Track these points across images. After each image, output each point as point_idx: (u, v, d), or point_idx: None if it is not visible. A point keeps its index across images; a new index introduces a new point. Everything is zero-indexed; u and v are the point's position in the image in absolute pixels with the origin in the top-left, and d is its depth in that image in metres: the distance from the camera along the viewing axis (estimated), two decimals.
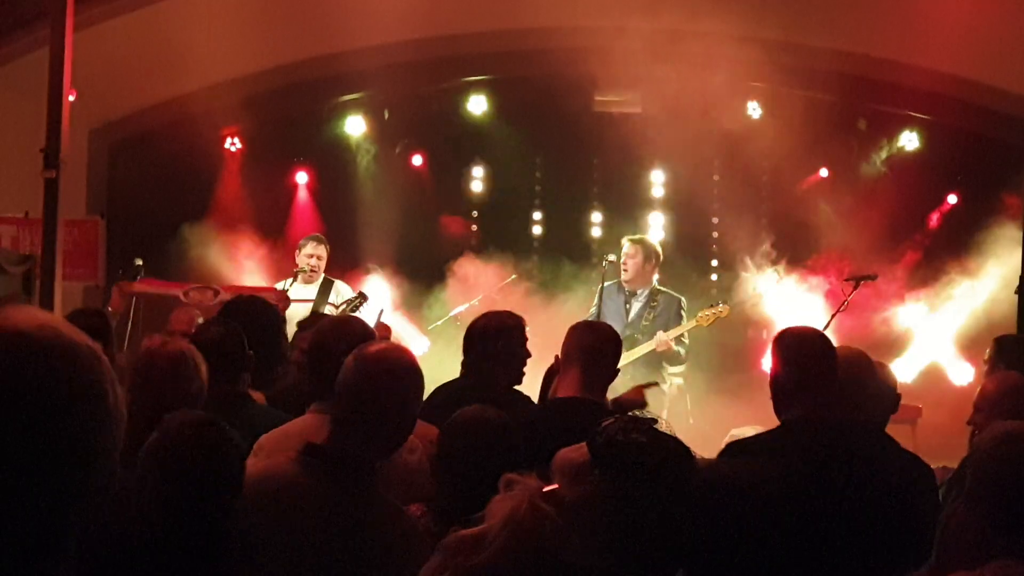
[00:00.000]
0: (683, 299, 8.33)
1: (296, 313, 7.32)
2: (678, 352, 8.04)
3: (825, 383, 3.76)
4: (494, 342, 4.82)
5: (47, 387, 1.30)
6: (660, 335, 7.93)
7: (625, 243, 8.39)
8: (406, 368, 3.14)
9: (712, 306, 8.49)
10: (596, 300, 8.32)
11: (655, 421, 2.17)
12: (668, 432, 2.19)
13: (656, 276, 8.54)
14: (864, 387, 3.99)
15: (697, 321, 8.25)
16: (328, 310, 8.35)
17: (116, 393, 1.37)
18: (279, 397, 4.59)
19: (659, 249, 8.65)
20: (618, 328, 7.45)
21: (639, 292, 8.18)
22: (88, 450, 1.33)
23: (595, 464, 2.05)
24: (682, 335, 8.11)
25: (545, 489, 1.99)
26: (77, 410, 1.31)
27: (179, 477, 2.74)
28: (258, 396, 4.43)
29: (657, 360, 8.01)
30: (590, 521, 1.96)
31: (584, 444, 2.10)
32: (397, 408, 3.08)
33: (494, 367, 4.80)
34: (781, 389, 3.81)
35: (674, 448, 2.16)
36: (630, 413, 2.25)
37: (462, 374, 4.91)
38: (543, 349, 4.98)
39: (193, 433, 2.80)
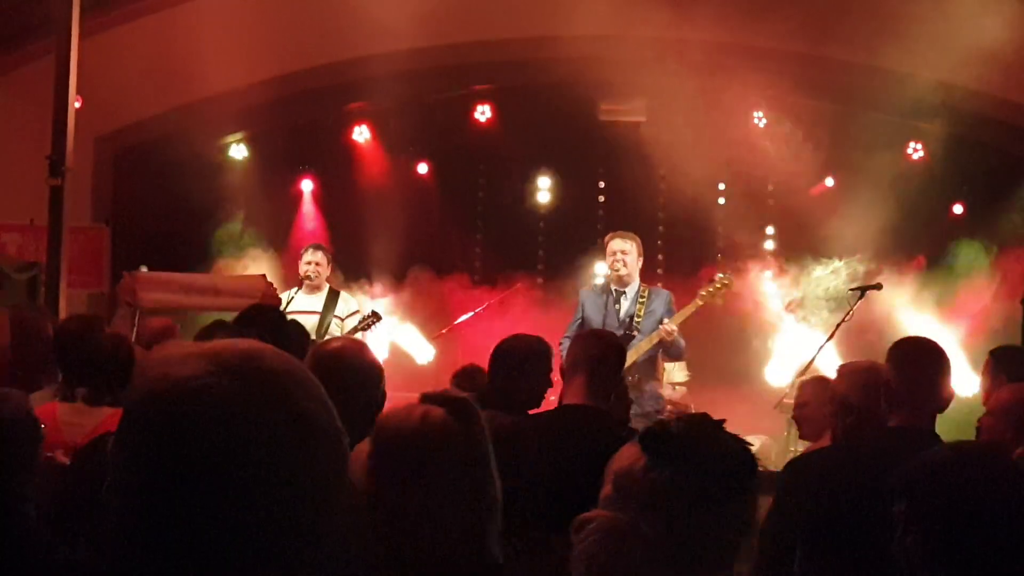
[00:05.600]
0: (671, 294, 8.12)
1: (302, 323, 7.30)
2: (679, 343, 7.80)
3: (931, 391, 4.01)
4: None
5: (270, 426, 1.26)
6: (667, 323, 7.69)
7: (617, 240, 7.98)
8: (362, 365, 3.21)
9: (711, 282, 8.28)
10: (578, 309, 8.07)
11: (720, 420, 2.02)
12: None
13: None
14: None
15: (700, 300, 8.05)
16: (334, 323, 8.33)
17: (331, 412, 1.32)
18: None
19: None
20: (607, 327, 7.41)
21: (627, 290, 7.96)
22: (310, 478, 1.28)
23: (654, 464, 1.86)
24: (677, 331, 7.79)
25: (615, 520, 1.85)
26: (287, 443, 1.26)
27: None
28: None
29: (653, 364, 7.81)
30: (654, 530, 1.82)
31: (635, 448, 1.92)
32: (355, 407, 3.09)
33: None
34: (892, 396, 3.99)
35: (735, 444, 1.96)
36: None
37: None
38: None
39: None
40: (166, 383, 1.26)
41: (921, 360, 4.07)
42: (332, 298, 8.54)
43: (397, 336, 10.90)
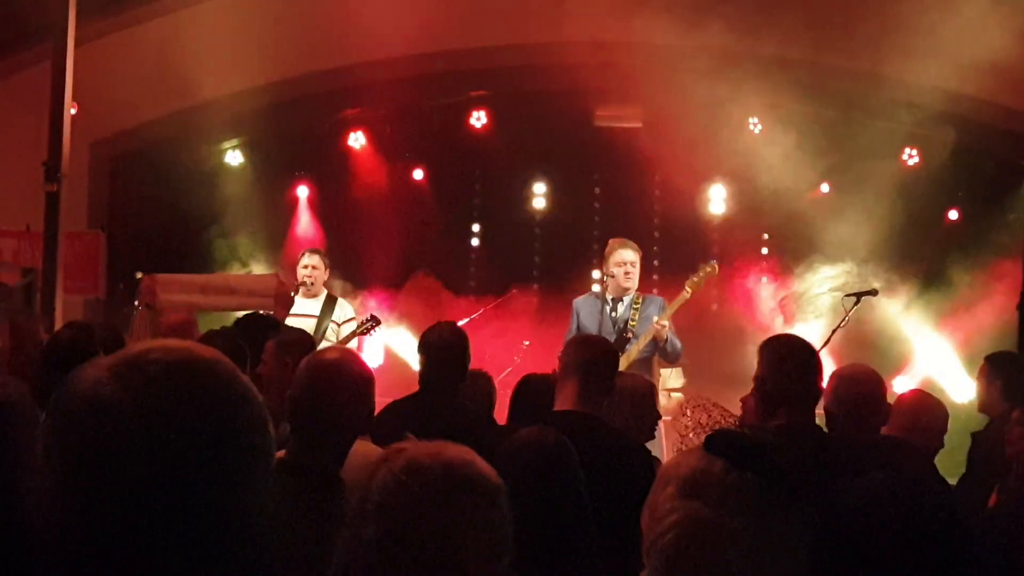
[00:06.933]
0: (664, 300, 8.07)
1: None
2: (674, 343, 7.76)
3: (807, 391, 4.01)
4: (448, 353, 4.89)
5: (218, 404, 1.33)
6: (654, 320, 7.65)
7: (628, 252, 7.81)
8: (356, 375, 3.34)
9: (696, 272, 8.23)
10: (572, 320, 8.01)
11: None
12: None
13: None
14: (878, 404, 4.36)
15: (689, 288, 7.99)
16: (331, 327, 8.33)
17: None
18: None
19: None
20: (602, 333, 7.40)
21: (624, 298, 7.93)
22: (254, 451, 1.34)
23: (735, 467, 1.89)
24: (672, 332, 7.76)
25: (700, 511, 1.86)
26: (241, 420, 1.33)
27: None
28: None
29: (648, 368, 7.78)
30: (735, 525, 1.85)
31: (700, 452, 1.93)
32: (347, 414, 3.28)
33: (453, 380, 4.86)
34: (767, 395, 3.99)
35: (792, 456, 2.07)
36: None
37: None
38: (543, 363, 4.98)
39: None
40: (67, 395, 1.31)
41: (794, 358, 4.09)
42: (329, 303, 8.53)
43: (392, 341, 10.90)
